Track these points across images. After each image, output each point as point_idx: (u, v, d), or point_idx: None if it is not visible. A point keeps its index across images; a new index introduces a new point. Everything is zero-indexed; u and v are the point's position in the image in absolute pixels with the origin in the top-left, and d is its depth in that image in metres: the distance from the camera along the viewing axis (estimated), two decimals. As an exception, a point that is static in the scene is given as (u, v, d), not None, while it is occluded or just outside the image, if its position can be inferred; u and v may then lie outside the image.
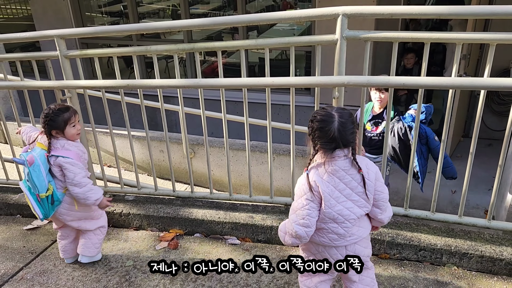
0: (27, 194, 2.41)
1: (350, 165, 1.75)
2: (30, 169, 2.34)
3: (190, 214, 3.00)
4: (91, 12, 7.15)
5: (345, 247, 1.85)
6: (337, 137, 1.68)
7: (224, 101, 2.67)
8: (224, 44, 2.72)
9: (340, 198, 1.75)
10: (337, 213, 1.76)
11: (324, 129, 1.69)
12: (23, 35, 2.94)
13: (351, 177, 1.75)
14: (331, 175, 1.74)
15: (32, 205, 2.42)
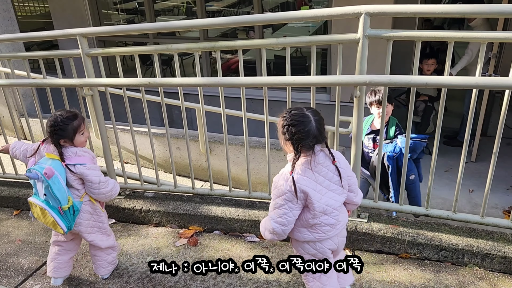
0: (48, 210, 2.25)
1: (325, 157, 1.87)
2: (50, 182, 2.20)
3: (210, 211, 3.03)
4: (107, 10, 7.21)
5: (337, 235, 1.98)
6: (317, 134, 1.80)
7: (245, 99, 2.68)
8: (246, 43, 2.73)
9: (323, 191, 1.86)
10: (325, 205, 1.86)
11: (304, 130, 1.78)
12: (46, 34, 2.98)
13: (327, 169, 1.87)
14: (311, 171, 1.83)
15: (56, 220, 2.27)
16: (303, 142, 1.80)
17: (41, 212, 2.28)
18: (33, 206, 2.30)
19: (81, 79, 2.87)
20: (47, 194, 2.24)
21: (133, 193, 3.38)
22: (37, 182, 2.24)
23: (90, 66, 2.91)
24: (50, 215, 2.26)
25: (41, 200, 2.26)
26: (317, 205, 1.83)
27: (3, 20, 4.78)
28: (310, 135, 1.79)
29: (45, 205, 2.26)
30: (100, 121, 3.08)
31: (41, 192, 2.25)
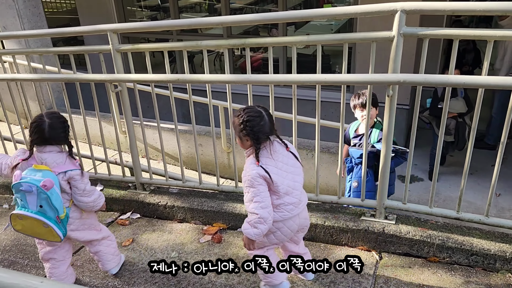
0: (45, 221, 2.17)
1: (279, 146, 2.14)
2: (49, 194, 2.13)
3: (234, 209, 3.02)
4: (131, 7, 7.28)
5: (298, 215, 2.17)
6: (270, 126, 2.09)
7: (273, 97, 2.67)
8: (276, 40, 2.71)
9: (283, 174, 2.10)
10: (287, 186, 2.09)
11: (260, 123, 2.05)
12: (77, 29, 3.02)
13: (282, 155, 2.13)
14: (272, 159, 2.09)
15: (53, 229, 2.20)
16: (261, 134, 2.05)
17: (30, 224, 2.20)
18: (20, 219, 2.20)
19: (111, 74, 2.90)
20: (44, 206, 2.17)
21: (157, 188, 3.40)
22: (27, 195, 2.14)
23: (119, 62, 2.93)
24: (43, 226, 2.19)
25: (34, 212, 2.17)
26: (281, 187, 2.06)
27: (32, 16, 4.87)
28: (265, 128, 2.05)
29: (41, 217, 2.17)
30: (127, 117, 3.10)
31: (33, 204, 2.16)
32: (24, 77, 3.22)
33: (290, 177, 2.12)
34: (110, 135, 4.80)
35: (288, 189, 2.09)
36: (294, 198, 2.12)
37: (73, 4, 7.54)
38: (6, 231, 3.23)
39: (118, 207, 3.36)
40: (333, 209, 2.86)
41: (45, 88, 4.83)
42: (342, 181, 2.82)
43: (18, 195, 2.19)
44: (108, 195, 3.38)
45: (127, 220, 3.24)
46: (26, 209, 2.18)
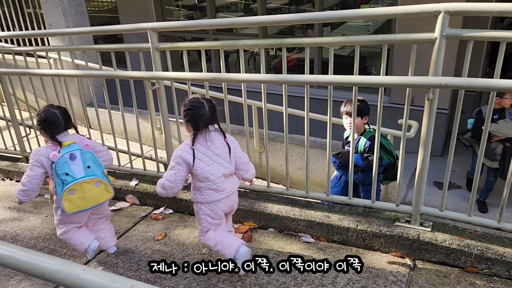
0: (100, 178, 2.48)
1: (217, 136, 2.41)
2: (92, 152, 2.50)
3: (265, 209, 3.03)
4: (169, 6, 7.42)
5: (227, 198, 2.48)
6: (210, 117, 2.36)
7: (308, 98, 2.65)
8: (313, 41, 2.69)
9: (209, 161, 2.37)
10: (208, 173, 2.37)
11: (199, 113, 2.34)
12: (118, 27, 3.11)
13: (217, 145, 2.40)
14: (204, 146, 2.36)
15: (106, 183, 2.52)
16: (200, 122, 2.34)
17: (83, 193, 2.43)
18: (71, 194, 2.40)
19: (149, 72, 2.96)
20: (91, 165, 2.46)
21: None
22: (71, 164, 2.40)
23: (158, 60, 3.00)
24: (96, 186, 2.47)
25: (87, 175, 2.43)
26: (201, 173, 2.37)
27: (76, 14, 5.05)
28: (204, 117, 2.34)
29: (92, 176, 2.44)
30: (164, 114, 3.17)
31: (80, 170, 2.42)
32: (68, 73, 3.35)
33: (216, 166, 2.40)
34: (146, 131, 4.92)
35: (209, 176, 2.37)
36: (215, 185, 2.40)
37: (113, 3, 7.77)
38: (47, 219, 3.37)
39: (152, 202, 3.43)
40: (366, 213, 2.81)
41: (85, 83, 5.01)
42: (375, 185, 2.76)
43: (63, 171, 2.39)
44: (143, 189, 3.46)
45: (160, 215, 3.31)
46: (75, 179, 2.39)
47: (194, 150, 2.35)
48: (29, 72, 3.49)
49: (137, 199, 3.49)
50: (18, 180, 4.09)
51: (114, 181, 2.77)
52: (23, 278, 2.73)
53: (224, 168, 2.42)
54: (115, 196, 3.59)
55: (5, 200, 3.75)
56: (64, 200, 2.40)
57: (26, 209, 3.57)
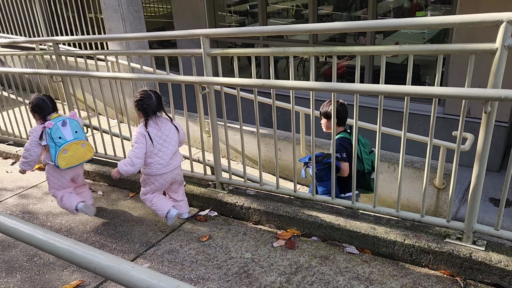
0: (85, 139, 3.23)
1: (164, 120, 3.00)
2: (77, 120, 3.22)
3: (309, 217, 3.00)
4: (221, 12, 7.58)
5: (171, 172, 3.06)
6: (157, 105, 2.94)
7: (358, 106, 2.61)
8: (365, 49, 2.65)
9: (160, 141, 2.96)
10: (158, 150, 2.96)
11: (148, 102, 2.91)
12: (172, 33, 3.22)
13: (165, 128, 2.99)
14: (156, 128, 2.95)
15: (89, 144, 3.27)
16: (149, 110, 2.91)
17: (73, 152, 3.13)
18: (64, 153, 3.09)
19: (201, 77, 3.04)
20: (78, 130, 3.18)
21: (236, 189, 3.49)
22: (63, 129, 3.10)
23: (209, 65, 3.07)
24: (82, 146, 3.20)
25: (75, 138, 3.15)
26: (152, 149, 2.93)
27: (134, 19, 5.28)
28: (152, 106, 2.91)
29: (79, 139, 3.17)
30: (212, 118, 3.23)
31: (69, 134, 3.13)
32: (124, 76, 3.51)
33: (166, 145, 2.99)
34: (194, 133, 5.04)
35: (157, 152, 2.96)
36: (163, 160, 2.99)
37: (169, 8, 8.05)
38: (99, 214, 3.54)
39: (198, 203, 3.51)
40: (415, 227, 2.71)
41: (139, 86, 5.22)
42: (425, 198, 2.66)
43: (57, 135, 3.08)
44: (190, 191, 3.55)
45: (205, 217, 3.37)
46: (67, 141, 3.11)
47: (148, 132, 2.90)
48: (89, 74, 3.70)
49: (184, 200, 3.58)
50: (74, 176, 4.33)
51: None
52: (75, 270, 2.88)
53: (172, 146, 3.03)
54: (163, 196, 3.72)
55: (62, 194, 3.98)
56: (59, 158, 3.09)
57: (80, 204, 3.77)
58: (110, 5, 5.26)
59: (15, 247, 3.19)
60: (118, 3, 5.15)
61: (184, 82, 3.20)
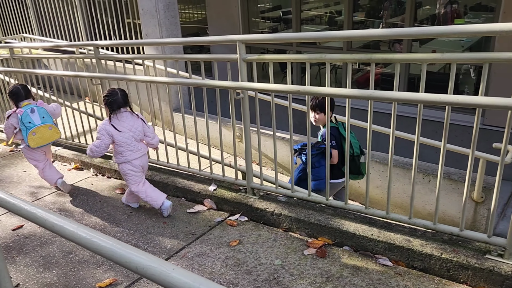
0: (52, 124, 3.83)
1: (129, 115, 3.41)
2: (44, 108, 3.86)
3: (341, 226, 2.96)
4: (255, 18, 7.62)
5: (140, 158, 3.48)
6: (122, 101, 3.35)
7: (395, 115, 2.56)
8: (405, 57, 2.60)
9: (126, 132, 3.36)
10: (126, 138, 3.37)
11: (114, 98, 3.32)
12: (209, 39, 3.26)
13: (128, 121, 3.38)
14: (120, 121, 3.36)
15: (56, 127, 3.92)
16: (114, 105, 3.32)
17: (41, 134, 3.74)
18: (33, 134, 3.70)
19: (235, 82, 3.06)
20: (45, 116, 3.79)
21: (266, 194, 3.48)
22: (32, 115, 3.70)
23: (244, 71, 3.09)
24: (49, 129, 3.80)
25: (41, 122, 3.73)
26: (119, 139, 3.35)
27: (170, 25, 5.39)
28: (118, 102, 3.32)
29: (46, 123, 3.75)
30: (246, 123, 3.24)
31: (38, 119, 3.73)
32: (161, 80, 3.58)
33: (131, 134, 3.38)
34: (225, 138, 5.07)
35: (125, 141, 3.36)
36: (132, 147, 3.40)
37: (203, 14, 8.18)
38: (131, 215, 3.60)
39: (228, 208, 3.52)
40: (452, 241, 2.63)
41: (173, 90, 5.31)
42: (464, 212, 2.57)
43: (27, 120, 3.69)
44: (220, 195, 3.57)
45: (235, 222, 3.38)
46: (35, 125, 3.70)
47: (112, 125, 3.32)
48: (127, 77, 3.79)
49: (214, 204, 3.61)
50: (109, 176, 4.44)
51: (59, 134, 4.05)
52: (108, 269, 2.94)
53: (137, 135, 3.43)
54: (194, 199, 3.76)
55: (97, 194, 4.08)
56: (29, 139, 3.72)
57: (114, 204, 3.85)
58: (148, 11, 5.38)
59: (52, 244, 3.29)
60: (156, 9, 5.27)
61: (219, 87, 3.23)
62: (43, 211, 1.54)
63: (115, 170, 4.35)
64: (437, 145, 4.16)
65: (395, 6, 6.78)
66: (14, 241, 3.38)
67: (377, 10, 6.88)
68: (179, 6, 8.65)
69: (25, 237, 3.42)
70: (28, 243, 3.34)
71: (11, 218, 3.73)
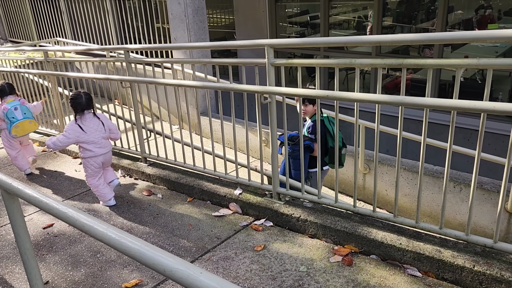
0: (32, 119, 4.61)
1: (92, 116, 3.80)
2: (26, 105, 4.61)
3: (369, 234, 2.90)
4: (283, 22, 7.63)
5: (104, 154, 3.88)
6: (85, 104, 3.72)
7: (427, 121, 2.49)
8: (439, 62, 2.53)
9: (91, 131, 3.76)
10: (91, 139, 3.76)
11: (78, 101, 3.71)
12: (238, 43, 3.27)
13: (91, 122, 3.78)
14: (84, 122, 3.74)
15: (36, 121, 4.72)
16: (78, 107, 3.71)
17: (22, 126, 4.50)
18: (16, 127, 4.47)
19: (263, 86, 3.06)
20: (26, 112, 4.53)
21: (292, 200, 3.46)
22: (15, 112, 4.46)
23: (272, 75, 3.08)
24: (29, 123, 4.57)
25: (23, 117, 4.49)
26: (86, 139, 3.75)
27: (198, 29, 5.45)
28: (82, 104, 3.71)
29: (27, 118, 4.53)
30: (273, 128, 3.23)
31: (20, 115, 4.48)
32: (189, 84, 3.61)
33: (95, 134, 3.78)
34: (251, 142, 5.08)
35: (92, 140, 3.77)
36: (98, 144, 3.81)
37: (230, 19, 8.25)
38: (158, 217, 3.64)
39: (254, 212, 3.51)
40: (485, 254, 2.53)
41: (200, 94, 5.36)
42: (499, 223, 2.47)
43: (11, 116, 4.44)
44: (246, 199, 3.56)
45: (260, 226, 3.36)
46: (18, 120, 4.46)
47: (78, 125, 3.72)
48: (156, 81, 3.85)
49: (240, 208, 3.60)
50: (137, 178, 4.51)
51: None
52: (134, 269, 2.97)
53: (102, 133, 3.82)
54: (219, 203, 3.77)
55: (124, 195, 4.15)
56: (13, 131, 4.48)
57: (141, 206, 3.91)
58: (177, 15, 5.46)
59: (81, 243, 3.36)
60: (185, 13, 5.34)
61: (247, 91, 3.23)
62: (74, 210, 1.57)
63: (143, 172, 4.42)
64: (470, 154, 4.04)
65: (426, 11, 6.65)
66: (45, 239, 3.47)
67: (407, 15, 6.76)
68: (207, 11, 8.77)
69: (55, 235, 3.51)
70: (57, 241, 3.42)
71: (42, 216, 3.83)
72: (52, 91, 5.37)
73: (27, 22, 9.36)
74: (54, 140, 3.78)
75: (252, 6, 6.99)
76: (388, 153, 4.79)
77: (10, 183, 1.89)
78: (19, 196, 1.87)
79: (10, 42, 10.09)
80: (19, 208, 2.03)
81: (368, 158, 4.56)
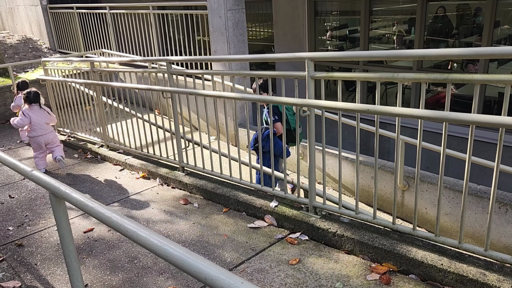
0: None
1: (38, 108, 5.30)
2: None
3: (408, 252, 2.81)
4: (322, 36, 7.63)
5: (43, 136, 5.29)
6: (33, 99, 5.26)
7: (473, 139, 2.41)
8: (485, 78, 2.45)
9: (39, 120, 5.27)
10: (38, 122, 5.26)
11: (29, 96, 5.24)
12: (278, 56, 3.30)
13: (37, 111, 5.28)
14: (33, 110, 5.25)
15: None
16: (27, 100, 5.24)
17: None
18: None
19: (303, 99, 3.06)
20: None
21: (329, 214, 3.41)
22: None
23: (312, 88, 3.08)
24: None
25: None
26: (34, 120, 5.21)
27: (238, 42, 5.54)
28: (29, 98, 5.23)
29: None
30: (311, 141, 3.22)
31: None
32: (229, 95, 3.67)
33: (39, 119, 5.22)
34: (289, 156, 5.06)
35: (38, 123, 5.22)
36: (41, 127, 5.25)
37: (269, 32, 8.34)
38: (194, 226, 3.69)
39: (289, 225, 3.49)
40: (534, 280, 2.39)
41: (237, 105, 5.42)
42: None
43: None
44: (281, 212, 3.54)
45: (295, 240, 3.33)
46: None
47: (28, 112, 5.15)
48: (197, 92, 3.93)
49: (275, 221, 3.59)
50: (173, 186, 4.60)
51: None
52: (169, 277, 3.01)
53: (44, 120, 5.28)
54: (255, 214, 3.77)
55: (162, 203, 4.24)
56: None
57: (177, 214, 3.97)
58: (218, 28, 5.58)
59: (119, 248, 3.44)
60: (225, 27, 5.45)
61: (286, 104, 3.24)
62: (119, 215, 1.62)
63: (180, 181, 4.49)
64: None
65: (470, 25, 6.47)
66: (85, 243, 3.58)
67: (448, 30, 6.60)
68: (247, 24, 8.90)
69: (95, 240, 3.62)
70: (97, 246, 3.52)
71: (83, 220, 3.97)
72: (96, 100, 5.59)
73: (75, 35, 9.84)
74: (15, 122, 5.28)
75: (291, 20, 7.04)
76: (428, 170, 4.64)
77: (58, 187, 1.98)
78: (66, 199, 1.95)
79: (59, 53, 10.63)
80: (65, 211, 2.11)
81: (407, 175, 4.43)
